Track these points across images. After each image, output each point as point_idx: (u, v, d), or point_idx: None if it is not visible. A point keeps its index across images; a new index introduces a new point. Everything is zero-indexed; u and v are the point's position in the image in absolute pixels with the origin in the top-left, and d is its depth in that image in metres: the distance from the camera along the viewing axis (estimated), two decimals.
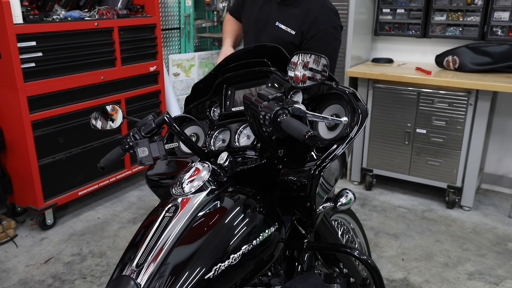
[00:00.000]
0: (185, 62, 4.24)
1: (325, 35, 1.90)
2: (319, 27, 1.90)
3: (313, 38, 1.90)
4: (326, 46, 1.90)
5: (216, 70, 1.65)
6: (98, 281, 2.53)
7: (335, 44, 1.96)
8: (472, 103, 3.09)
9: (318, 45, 1.89)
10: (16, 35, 2.63)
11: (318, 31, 1.90)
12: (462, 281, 2.52)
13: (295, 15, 1.94)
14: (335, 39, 1.94)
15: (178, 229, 1.13)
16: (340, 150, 1.29)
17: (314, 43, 1.90)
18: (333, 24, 1.92)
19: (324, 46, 1.90)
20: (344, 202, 1.45)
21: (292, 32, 1.93)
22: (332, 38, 1.93)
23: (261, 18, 2.03)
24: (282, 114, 1.20)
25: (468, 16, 3.37)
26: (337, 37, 1.95)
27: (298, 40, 1.93)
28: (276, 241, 1.25)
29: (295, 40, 1.93)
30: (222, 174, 1.28)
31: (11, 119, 2.83)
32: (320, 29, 1.90)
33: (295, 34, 1.93)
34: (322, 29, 1.90)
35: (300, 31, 1.91)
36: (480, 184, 3.68)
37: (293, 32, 1.93)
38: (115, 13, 3.22)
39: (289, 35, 1.94)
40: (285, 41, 1.93)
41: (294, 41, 1.93)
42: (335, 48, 1.97)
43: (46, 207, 2.95)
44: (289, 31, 1.94)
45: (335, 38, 1.94)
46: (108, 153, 1.44)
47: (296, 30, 1.93)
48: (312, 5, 1.93)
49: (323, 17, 1.91)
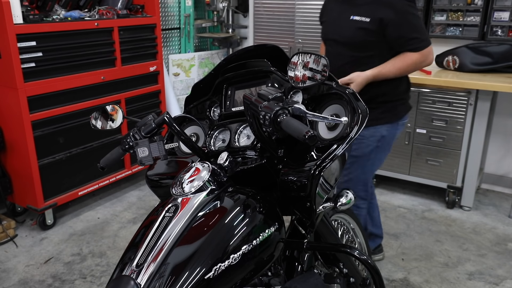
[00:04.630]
0: (185, 62, 4.24)
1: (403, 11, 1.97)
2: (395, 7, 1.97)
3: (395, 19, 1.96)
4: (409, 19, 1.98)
5: (216, 70, 1.65)
6: (98, 281, 2.53)
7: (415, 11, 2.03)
8: (472, 103, 3.09)
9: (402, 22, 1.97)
10: (16, 35, 2.63)
11: (396, 11, 1.96)
12: (462, 281, 2.52)
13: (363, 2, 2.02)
14: (413, 8, 2.01)
15: (178, 229, 1.13)
16: (340, 150, 1.29)
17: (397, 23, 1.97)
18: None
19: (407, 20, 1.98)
20: (344, 202, 1.45)
21: (366, 20, 1.99)
22: (410, 8, 1.99)
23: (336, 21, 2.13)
24: (282, 114, 1.20)
25: (468, 16, 3.37)
26: (413, 7, 2.02)
27: (376, 25, 1.98)
28: (276, 241, 1.25)
29: (370, 26, 1.99)
30: (222, 174, 1.28)
31: (11, 119, 2.83)
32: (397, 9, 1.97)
33: (370, 21, 1.99)
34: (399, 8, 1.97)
35: (376, 17, 1.97)
36: (480, 184, 3.68)
37: (367, 19, 1.99)
38: (115, 13, 3.22)
39: (364, 22, 2.00)
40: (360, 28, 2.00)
41: (369, 27, 2.00)
42: (417, 16, 2.04)
43: (46, 207, 2.95)
44: (364, 19, 2.00)
45: (412, 8, 2.01)
46: (108, 153, 1.44)
47: (370, 16, 1.99)
48: None
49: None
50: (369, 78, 2.03)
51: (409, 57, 2.02)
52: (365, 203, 2.40)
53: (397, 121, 2.20)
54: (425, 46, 2.02)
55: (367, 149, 2.18)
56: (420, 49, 2.01)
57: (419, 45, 2.01)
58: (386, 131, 2.17)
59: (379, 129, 2.16)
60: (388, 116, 2.16)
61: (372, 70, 2.03)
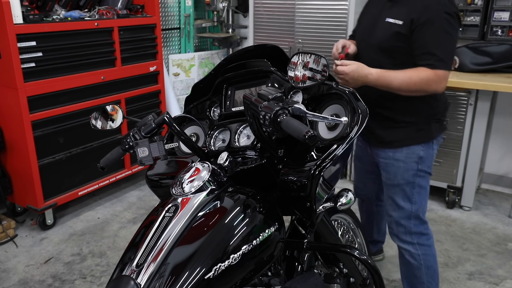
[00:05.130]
0: (185, 62, 4.24)
1: (437, 19, 1.73)
2: (430, 12, 1.73)
3: (425, 24, 1.74)
4: (438, 31, 1.74)
5: (216, 70, 1.65)
6: (98, 281, 2.53)
7: (451, 30, 1.75)
8: (472, 103, 3.08)
9: (430, 31, 1.74)
10: (16, 35, 2.62)
11: (429, 17, 1.73)
12: (462, 281, 2.52)
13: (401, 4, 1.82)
14: (449, 25, 1.74)
15: (178, 229, 1.13)
16: (340, 150, 1.29)
17: (424, 29, 1.74)
18: (446, 9, 1.74)
19: (436, 31, 1.74)
20: (344, 202, 1.45)
21: (399, 22, 1.80)
22: (446, 23, 1.74)
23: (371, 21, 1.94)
24: (282, 114, 1.20)
25: (468, 16, 3.37)
26: (452, 23, 1.75)
27: (407, 29, 1.78)
28: (276, 241, 1.25)
29: (402, 30, 1.79)
30: (222, 174, 1.28)
31: (11, 119, 2.83)
32: (431, 14, 1.73)
33: (403, 24, 1.78)
34: (434, 14, 1.73)
35: (408, 19, 1.77)
36: (480, 184, 3.68)
37: (400, 22, 1.80)
38: (115, 13, 3.22)
39: (396, 25, 1.81)
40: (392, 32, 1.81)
41: (401, 30, 1.79)
42: (450, 35, 1.76)
43: (46, 207, 2.95)
44: (397, 22, 1.81)
45: (449, 24, 1.74)
46: (108, 153, 1.44)
47: (403, 19, 1.78)
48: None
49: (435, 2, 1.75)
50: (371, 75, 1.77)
51: (422, 71, 1.75)
52: (430, 238, 2.05)
53: (431, 140, 1.95)
54: (442, 67, 1.75)
55: (408, 173, 1.94)
56: (435, 67, 1.74)
57: (436, 63, 1.74)
58: (422, 151, 1.93)
59: (414, 150, 1.92)
60: (422, 135, 1.93)
61: (376, 70, 1.79)
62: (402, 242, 2.03)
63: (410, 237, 2.00)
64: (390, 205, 2.03)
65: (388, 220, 2.07)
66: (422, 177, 1.96)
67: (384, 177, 2.02)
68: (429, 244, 2.04)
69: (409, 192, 1.96)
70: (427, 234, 2.03)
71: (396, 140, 1.93)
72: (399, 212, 2.00)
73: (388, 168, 1.98)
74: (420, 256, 2.01)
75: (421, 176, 1.95)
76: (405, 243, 2.02)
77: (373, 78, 1.76)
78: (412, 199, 1.97)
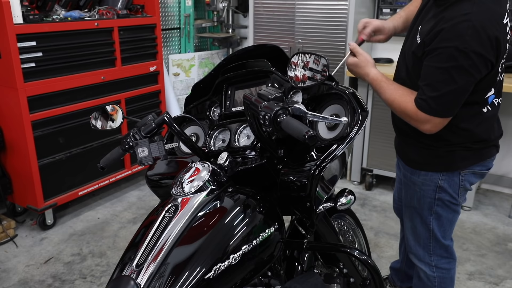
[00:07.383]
0: (185, 62, 4.24)
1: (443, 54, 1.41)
2: (441, 43, 1.42)
3: (429, 54, 1.46)
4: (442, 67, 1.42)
5: (216, 70, 1.65)
6: (98, 281, 2.53)
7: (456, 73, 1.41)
8: None
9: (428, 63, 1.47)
10: (16, 35, 2.62)
11: (437, 47, 1.43)
12: (462, 281, 2.52)
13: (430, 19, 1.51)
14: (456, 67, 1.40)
15: (178, 229, 1.13)
16: (340, 150, 1.29)
17: (429, 57, 1.46)
18: (462, 45, 1.37)
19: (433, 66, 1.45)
20: (344, 202, 1.45)
21: (418, 40, 1.53)
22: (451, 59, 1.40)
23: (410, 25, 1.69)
24: (282, 114, 1.20)
25: None
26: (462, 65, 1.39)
27: (421, 51, 1.51)
28: (276, 241, 1.25)
29: (417, 51, 1.53)
30: (222, 174, 1.28)
31: (11, 119, 2.83)
32: (440, 45, 1.42)
33: (419, 43, 1.51)
34: (443, 46, 1.41)
35: (423, 40, 1.49)
36: (480, 184, 3.68)
37: (419, 40, 1.52)
38: (115, 13, 3.22)
39: (415, 44, 1.54)
40: (410, 50, 1.58)
41: (416, 51, 1.53)
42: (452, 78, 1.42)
43: (46, 207, 2.95)
44: (417, 38, 1.53)
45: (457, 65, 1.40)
46: (108, 153, 1.44)
47: (422, 38, 1.51)
48: (450, 14, 1.42)
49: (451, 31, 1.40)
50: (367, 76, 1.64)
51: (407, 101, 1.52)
52: (451, 262, 1.84)
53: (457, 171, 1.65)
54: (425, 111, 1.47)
55: (424, 200, 1.72)
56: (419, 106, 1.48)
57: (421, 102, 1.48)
58: (443, 181, 1.66)
59: (433, 177, 1.68)
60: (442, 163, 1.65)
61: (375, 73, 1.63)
62: (419, 262, 1.86)
63: (428, 259, 1.83)
64: (407, 225, 1.86)
65: (405, 237, 1.92)
66: (443, 206, 1.71)
67: (403, 194, 1.86)
68: (449, 268, 1.84)
69: (426, 219, 1.76)
70: (448, 258, 1.83)
71: (415, 161, 1.72)
72: (415, 235, 1.83)
73: (406, 188, 1.80)
74: (436, 279, 1.84)
75: (441, 205, 1.71)
76: (422, 263, 1.85)
77: (368, 80, 1.64)
78: (430, 226, 1.76)
